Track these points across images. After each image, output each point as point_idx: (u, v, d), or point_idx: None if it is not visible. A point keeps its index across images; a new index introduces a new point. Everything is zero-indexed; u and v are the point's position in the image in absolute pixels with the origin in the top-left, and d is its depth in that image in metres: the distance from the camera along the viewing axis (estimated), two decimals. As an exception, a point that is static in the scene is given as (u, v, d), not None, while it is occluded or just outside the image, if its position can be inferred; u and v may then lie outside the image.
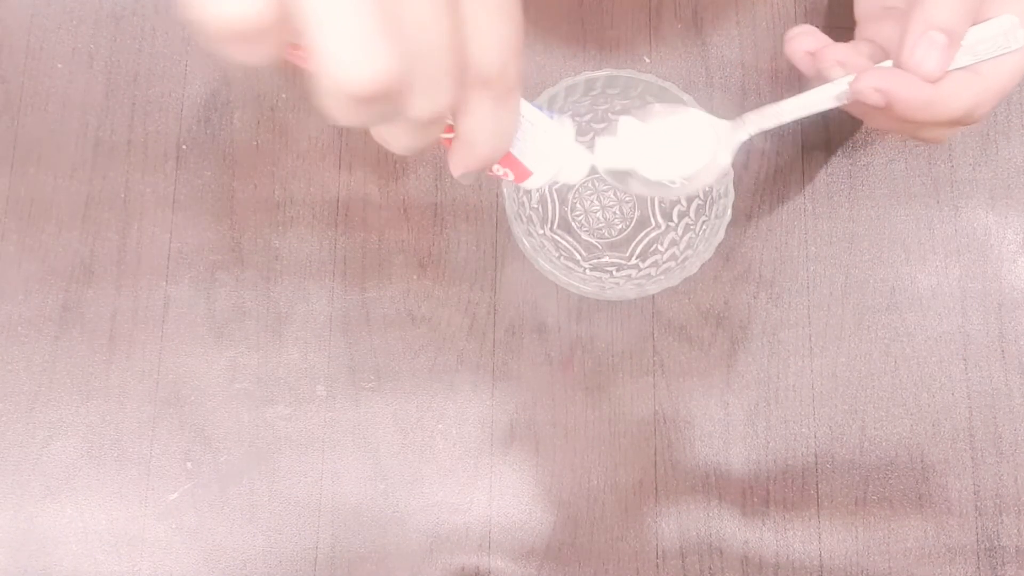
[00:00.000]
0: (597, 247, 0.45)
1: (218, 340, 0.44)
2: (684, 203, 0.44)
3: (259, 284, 0.45)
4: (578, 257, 0.45)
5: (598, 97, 0.43)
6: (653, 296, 0.45)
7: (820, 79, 0.37)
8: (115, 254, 0.45)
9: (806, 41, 0.38)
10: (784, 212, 0.46)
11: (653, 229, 0.45)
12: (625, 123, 0.37)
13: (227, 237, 0.45)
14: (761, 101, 0.40)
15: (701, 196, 0.43)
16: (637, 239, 0.45)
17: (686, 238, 0.43)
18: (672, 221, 0.44)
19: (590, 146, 0.38)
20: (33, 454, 0.43)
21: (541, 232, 0.44)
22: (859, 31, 0.40)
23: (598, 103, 0.43)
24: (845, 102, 0.36)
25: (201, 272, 0.45)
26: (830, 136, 0.47)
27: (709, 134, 0.37)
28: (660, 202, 0.45)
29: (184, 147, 0.46)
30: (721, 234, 0.39)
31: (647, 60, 0.48)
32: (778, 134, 0.47)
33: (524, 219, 0.43)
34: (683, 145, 0.37)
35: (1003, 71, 0.35)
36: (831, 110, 0.37)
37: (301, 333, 0.45)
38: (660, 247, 0.44)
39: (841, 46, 0.37)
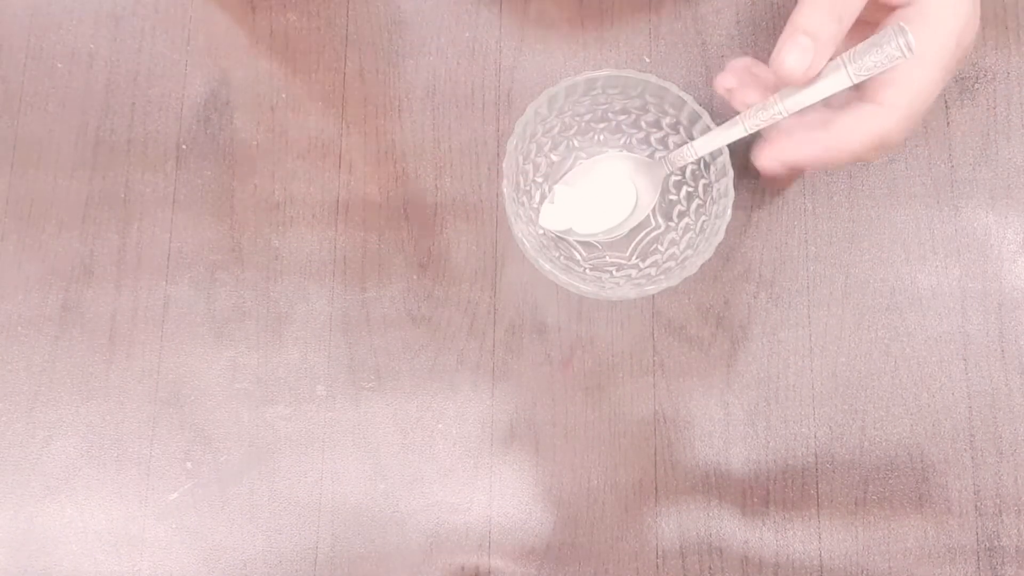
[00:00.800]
0: (597, 247, 0.45)
1: (218, 340, 0.44)
2: (684, 203, 0.44)
3: (259, 284, 0.45)
4: (578, 257, 0.45)
5: (598, 97, 0.43)
6: (653, 296, 0.45)
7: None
8: (115, 254, 0.45)
9: (727, 79, 0.40)
10: (784, 212, 0.46)
11: (653, 229, 0.45)
12: (559, 190, 0.44)
13: (227, 237, 0.45)
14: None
15: (701, 196, 0.43)
16: (637, 239, 0.45)
17: (686, 238, 0.43)
18: (672, 221, 0.44)
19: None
20: (33, 454, 0.43)
21: (541, 232, 0.44)
22: None
23: (598, 103, 0.43)
24: (752, 131, 0.38)
25: (201, 272, 0.45)
26: (830, 136, 0.47)
27: (628, 187, 0.44)
28: (659, 202, 0.45)
29: (184, 147, 0.46)
30: (721, 234, 0.39)
31: (647, 60, 0.47)
32: (778, 134, 0.47)
33: (524, 219, 0.43)
34: (607, 201, 0.44)
35: (907, 93, 0.35)
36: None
37: (301, 333, 0.45)
38: (660, 247, 0.44)
39: (750, 89, 0.39)
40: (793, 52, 0.35)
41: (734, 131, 0.39)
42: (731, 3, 0.48)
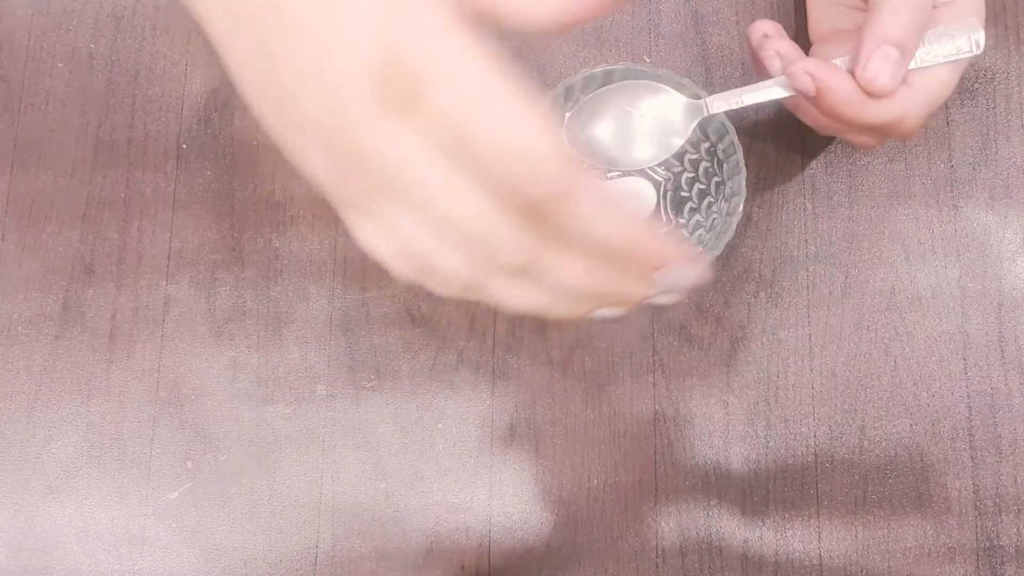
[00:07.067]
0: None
1: (218, 340, 0.44)
2: (696, 200, 0.44)
3: (259, 283, 0.45)
4: (578, 257, 0.45)
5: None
6: (653, 296, 0.45)
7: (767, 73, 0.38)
8: (115, 253, 0.45)
9: (764, 26, 0.39)
10: (784, 212, 0.46)
11: (663, 225, 0.45)
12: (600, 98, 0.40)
13: (227, 236, 0.45)
14: (761, 101, 0.41)
15: (713, 193, 0.43)
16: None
17: (696, 235, 0.43)
18: (683, 217, 0.44)
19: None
20: (33, 453, 0.43)
21: (541, 232, 0.44)
22: (812, 51, 0.41)
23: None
24: (791, 93, 0.37)
25: (201, 271, 0.45)
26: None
27: (679, 114, 0.40)
28: (670, 198, 0.45)
29: (184, 146, 0.46)
30: (731, 232, 0.39)
31: (647, 59, 0.47)
32: (777, 134, 0.47)
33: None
34: (653, 129, 0.41)
35: (932, 81, 0.36)
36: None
37: (301, 333, 0.45)
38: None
39: (785, 40, 0.38)
40: (885, 67, 0.34)
41: (777, 89, 0.38)
42: (731, 3, 0.48)
